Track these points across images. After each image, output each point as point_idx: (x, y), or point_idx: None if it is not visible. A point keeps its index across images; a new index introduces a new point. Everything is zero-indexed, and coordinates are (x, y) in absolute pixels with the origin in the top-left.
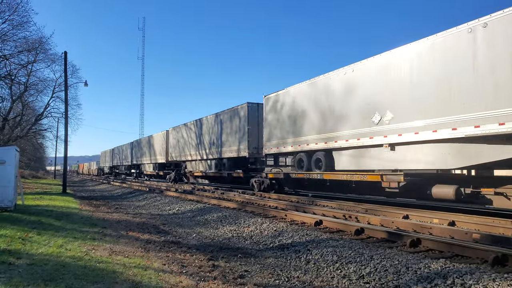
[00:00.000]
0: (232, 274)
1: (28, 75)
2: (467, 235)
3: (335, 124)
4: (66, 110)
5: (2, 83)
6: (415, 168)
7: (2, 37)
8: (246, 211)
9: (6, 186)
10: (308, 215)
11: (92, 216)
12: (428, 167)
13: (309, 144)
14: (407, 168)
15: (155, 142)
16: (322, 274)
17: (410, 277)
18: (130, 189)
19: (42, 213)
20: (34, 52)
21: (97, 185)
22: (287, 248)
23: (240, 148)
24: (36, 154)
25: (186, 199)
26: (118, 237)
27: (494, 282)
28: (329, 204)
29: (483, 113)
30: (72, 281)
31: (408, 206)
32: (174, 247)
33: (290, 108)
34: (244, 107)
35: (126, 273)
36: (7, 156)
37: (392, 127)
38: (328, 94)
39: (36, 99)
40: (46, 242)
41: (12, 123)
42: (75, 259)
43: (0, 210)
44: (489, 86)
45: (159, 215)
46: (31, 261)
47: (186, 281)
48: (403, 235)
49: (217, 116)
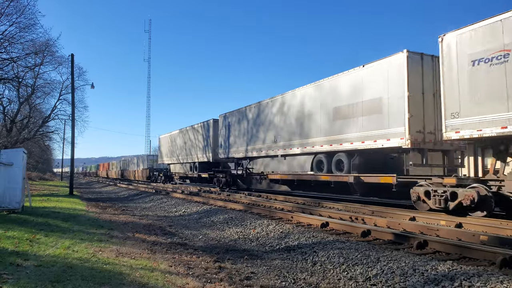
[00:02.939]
0: (238, 275)
1: (35, 78)
2: (474, 237)
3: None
4: (72, 112)
5: (10, 85)
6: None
7: (9, 40)
8: (252, 212)
9: (14, 187)
10: (314, 217)
11: (98, 218)
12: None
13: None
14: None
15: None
16: (328, 276)
17: (417, 279)
18: (137, 190)
19: (49, 214)
20: (41, 54)
21: (103, 187)
22: (293, 250)
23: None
24: (43, 156)
25: (192, 200)
26: (125, 239)
27: (502, 284)
28: (335, 206)
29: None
30: (79, 282)
31: (415, 208)
32: (180, 248)
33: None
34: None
35: (132, 274)
36: (14, 158)
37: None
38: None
39: (43, 102)
40: (53, 243)
41: (19, 125)
42: (82, 260)
43: (8, 212)
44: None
45: (165, 217)
46: (38, 262)
47: (192, 283)
48: (410, 237)
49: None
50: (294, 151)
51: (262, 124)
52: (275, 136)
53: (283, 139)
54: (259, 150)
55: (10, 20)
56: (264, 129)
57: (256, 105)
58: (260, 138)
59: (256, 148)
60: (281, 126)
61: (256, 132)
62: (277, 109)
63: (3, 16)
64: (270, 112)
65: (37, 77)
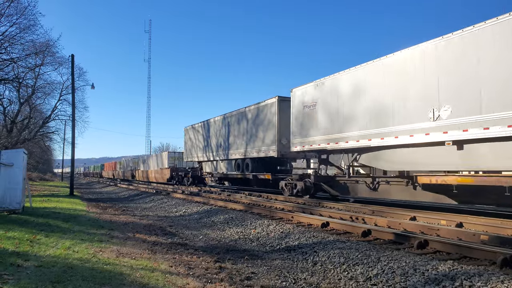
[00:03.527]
0: (239, 276)
1: (35, 78)
2: (475, 236)
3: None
4: (73, 112)
5: (10, 86)
6: None
7: (10, 40)
8: (253, 213)
9: (14, 188)
10: (314, 217)
11: (99, 218)
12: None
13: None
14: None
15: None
16: (329, 276)
17: (417, 279)
18: (137, 191)
19: (49, 215)
20: (41, 55)
21: (104, 187)
22: (293, 250)
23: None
24: (43, 156)
25: (192, 201)
26: (125, 239)
27: (503, 284)
28: (336, 205)
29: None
30: (80, 282)
31: (415, 207)
32: (181, 249)
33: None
34: None
35: (133, 274)
36: (15, 159)
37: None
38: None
39: (43, 102)
40: (53, 244)
41: (20, 125)
42: (82, 261)
43: (8, 212)
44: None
45: (165, 217)
46: (39, 263)
47: (193, 283)
48: (411, 237)
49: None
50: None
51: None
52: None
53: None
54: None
55: (10, 21)
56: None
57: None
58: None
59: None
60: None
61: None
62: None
63: (3, 17)
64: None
65: (38, 78)
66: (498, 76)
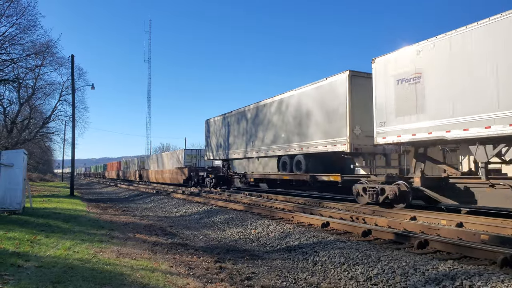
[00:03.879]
0: (239, 276)
1: (35, 79)
2: (475, 236)
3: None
4: (73, 113)
5: (10, 86)
6: None
7: (10, 41)
8: (253, 213)
9: (15, 189)
10: (315, 217)
11: (99, 218)
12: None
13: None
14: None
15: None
16: (329, 275)
17: (418, 279)
18: (137, 191)
19: (50, 215)
20: (41, 55)
21: (104, 188)
22: (294, 250)
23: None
24: (43, 157)
25: (193, 201)
26: (126, 239)
27: (503, 284)
28: (336, 205)
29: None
30: (80, 283)
31: (415, 207)
32: (181, 249)
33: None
34: None
35: (133, 275)
36: (15, 159)
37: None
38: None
39: (43, 103)
40: (54, 244)
41: (20, 126)
42: (83, 261)
43: (9, 213)
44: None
45: (166, 217)
46: (39, 263)
47: (193, 283)
48: (411, 237)
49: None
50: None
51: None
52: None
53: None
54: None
55: (10, 21)
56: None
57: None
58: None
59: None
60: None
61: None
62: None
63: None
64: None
65: (38, 78)
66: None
